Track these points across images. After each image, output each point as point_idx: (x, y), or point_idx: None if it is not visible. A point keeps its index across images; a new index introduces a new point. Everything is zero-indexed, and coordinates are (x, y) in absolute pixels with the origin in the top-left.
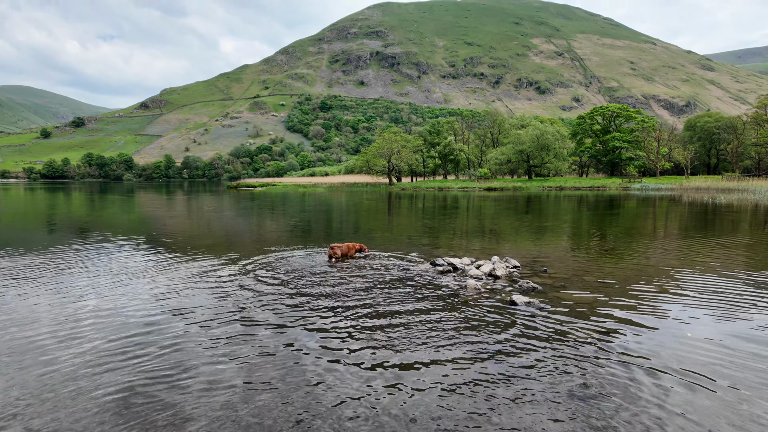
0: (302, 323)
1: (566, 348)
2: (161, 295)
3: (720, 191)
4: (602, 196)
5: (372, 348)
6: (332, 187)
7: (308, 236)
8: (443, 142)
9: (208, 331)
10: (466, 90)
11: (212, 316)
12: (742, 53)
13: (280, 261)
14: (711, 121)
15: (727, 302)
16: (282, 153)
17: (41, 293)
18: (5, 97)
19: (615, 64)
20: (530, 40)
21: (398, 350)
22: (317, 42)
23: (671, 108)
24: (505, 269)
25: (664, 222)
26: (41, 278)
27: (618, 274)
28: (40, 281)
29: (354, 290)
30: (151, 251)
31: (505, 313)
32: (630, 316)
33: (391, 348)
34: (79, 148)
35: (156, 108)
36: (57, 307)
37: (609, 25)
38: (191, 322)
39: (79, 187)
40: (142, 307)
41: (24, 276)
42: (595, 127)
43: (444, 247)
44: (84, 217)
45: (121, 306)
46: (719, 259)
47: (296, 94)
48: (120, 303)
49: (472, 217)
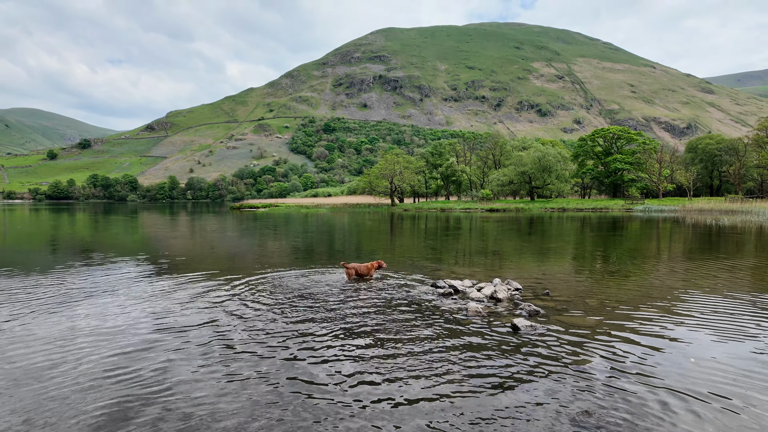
0: (296, 346)
1: (568, 374)
2: (157, 315)
3: (723, 213)
4: (605, 218)
5: (368, 375)
6: (335, 208)
7: (309, 257)
8: (445, 163)
9: (203, 353)
10: (467, 112)
11: (208, 339)
12: (742, 76)
13: (278, 282)
14: (712, 143)
15: (732, 324)
16: (285, 174)
17: (34, 313)
18: (15, 120)
19: (615, 87)
20: (531, 64)
21: (395, 377)
22: (321, 66)
23: (672, 130)
24: (506, 292)
25: (668, 243)
26: (35, 299)
27: (621, 297)
28: (33, 302)
29: (353, 313)
30: (150, 272)
31: (507, 337)
32: (633, 340)
33: (387, 375)
34: (85, 169)
35: (162, 130)
36: (48, 328)
37: (608, 49)
38: (184, 342)
39: (83, 207)
40: (136, 328)
41: (18, 296)
42: (597, 148)
43: (446, 268)
44: (85, 238)
45: (117, 326)
46: (724, 280)
47: (300, 117)
48: (116, 323)
49: (474, 238)
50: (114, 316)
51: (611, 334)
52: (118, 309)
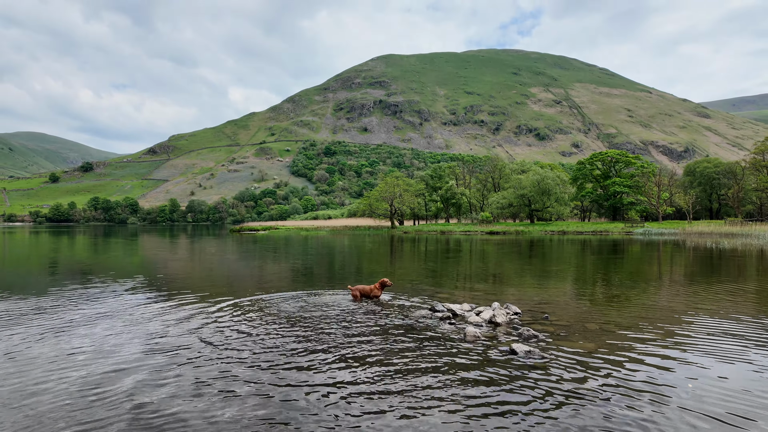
0: (290, 371)
1: (567, 399)
2: (150, 336)
3: (723, 236)
4: (605, 241)
5: (363, 400)
6: (335, 231)
7: (308, 279)
8: (445, 186)
9: (195, 377)
10: (467, 136)
11: (200, 362)
12: (737, 101)
13: (275, 304)
14: (710, 166)
15: (735, 348)
16: (286, 197)
17: (23, 335)
18: (18, 143)
19: (612, 111)
20: (528, 89)
21: (390, 404)
22: (323, 91)
23: (670, 154)
24: (505, 316)
25: (669, 267)
26: (26, 322)
27: (621, 322)
28: (24, 325)
29: (348, 337)
30: (145, 294)
31: (505, 363)
32: (633, 366)
33: (381, 401)
34: (86, 192)
35: (164, 153)
36: (38, 350)
37: (605, 75)
38: (174, 363)
39: (83, 230)
40: (124, 350)
41: (10, 319)
42: (596, 172)
43: (446, 291)
44: (83, 260)
45: (104, 349)
46: (727, 305)
47: (301, 140)
48: (106, 345)
49: (474, 261)
50: (104, 338)
51: (610, 359)
52: (110, 332)
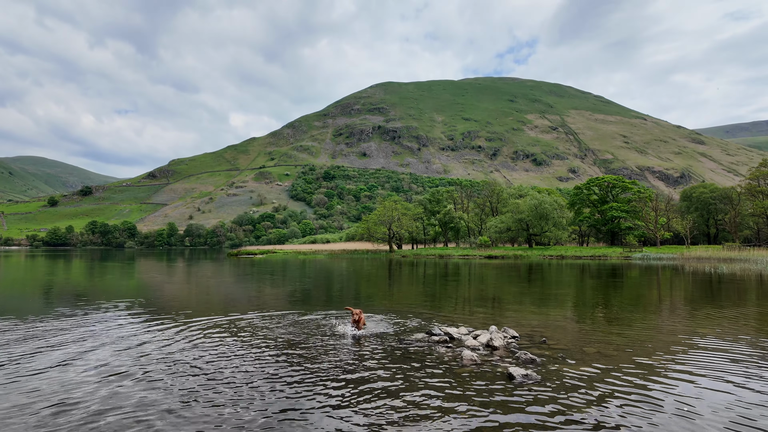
0: (283, 394)
1: (563, 423)
2: (141, 360)
3: (722, 261)
4: (604, 266)
5: (357, 425)
6: (333, 254)
7: (304, 302)
8: (443, 210)
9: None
10: (464, 161)
11: (192, 386)
12: (730, 128)
13: (268, 328)
14: (706, 191)
15: (734, 374)
16: (284, 221)
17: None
18: (18, 167)
19: (608, 137)
20: (525, 116)
21: (384, 428)
22: (322, 117)
23: (666, 179)
24: (502, 340)
25: (669, 291)
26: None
27: (620, 346)
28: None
29: (345, 360)
30: (138, 318)
31: (501, 387)
32: (631, 391)
33: (375, 425)
34: (85, 216)
35: (163, 177)
36: (19, 366)
37: (600, 102)
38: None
39: (79, 254)
40: (110, 374)
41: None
42: (593, 197)
43: (443, 315)
44: (76, 285)
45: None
46: (727, 330)
47: (301, 165)
48: (93, 371)
49: (472, 285)
50: (89, 361)
51: (608, 385)
52: (96, 355)
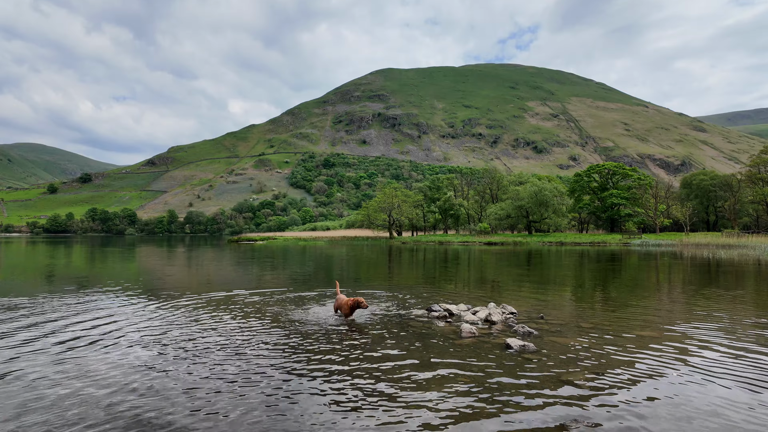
0: (283, 369)
1: (559, 388)
2: (141, 340)
3: (720, 247)
4: (603, 252)
5: (358, 392)
6: (333, 241)
7: (305, 284)
8: (443, 197)
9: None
10: (465, 149)
11: (191, 368)
12: (732, 116)
13: (271, 308)
14: (706, 179)
15: (730, 352)
16: (284, 208)
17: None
18: (17, 155)
19: (609, 125)
20: (526, 103)
21: (385, 393)
22: (322, 104)
23: (667, 167)
24: (501, 315)
25: (667, 275)
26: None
27: (616, 322)
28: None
29: (343, 333)
30: (139, 300)
31: (499, 356)
32: (626, 360)
33: (377, 391)
34: (85, 203)
35: (162, 165)
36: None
37: (602, 89)
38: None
39: (79, 240)
40: (112, 359)
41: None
42: (593, 184)
43: (443, 295)
44: (77, 270)
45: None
46: (722, 309)
47: (300, 152)
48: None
49: (472, 270)
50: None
51: (604, 353)
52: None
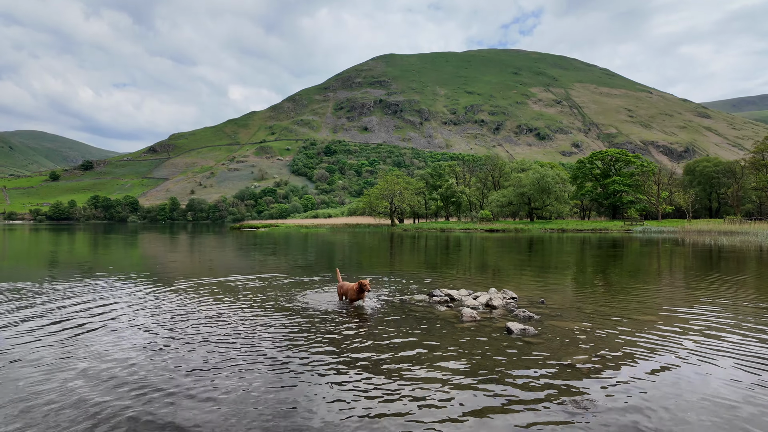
0: (291, 349)
1: (559, 371)
2: (146, 324)
3: (722, 234)
4: (605, 239)
5: (360, 375)
6: (335, 228)
7: (309, 270)
8: (445, 184)
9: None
10: (467, 136)
11: (192, 350)
12: (737, 102)
13: (274, 293)
14: (710, 165)
15: (730, 335)
16: (286, 195)
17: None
18: (18, 142)
19: (613, 111)
20: (529, 89)
21: (385, 376)
22: (323, 90)
23: (670, 153)
24: (502, 300)
25: (668, 261)
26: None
27: (617, 307)
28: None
29: (344, 318)
30: (142, 286)
31: (499, 339)
32: (626, 342)
33: (379, 373)
34: (87, 190)
35: (164, 152)
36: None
37: (605, 75)
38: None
39: (82, 228)
40: (110, 344)
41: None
42: (595, 171)
43: (444, 281)
44: (80, 256)
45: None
46: (722, 294)
47: (302, 139)
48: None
49: (474, 256)
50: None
51: (604, 337)
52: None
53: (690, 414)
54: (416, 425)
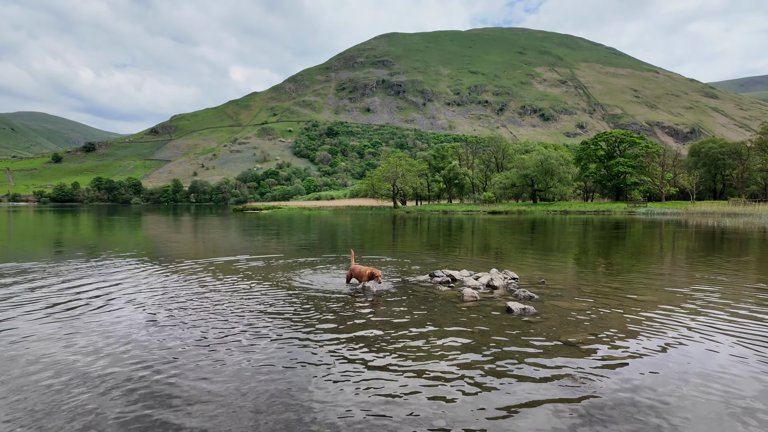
0: (293, 328)
1: (557, 351)
2: (150, 305)
3: (726, 215)
4: (607, 220)
5: (361, 354)
6: (337, 210)
7: (312, 251)
8: (448, 166)
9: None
10: (470, 117)
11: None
12: (746, 81)
13: (276, 272)
14: (715, 146)
15: (731, 314)
16: (288, 177)
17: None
18: (20, 123)
19: (618, 91)
20: (534, 69)
21: (386, 352)
22: (325, 71)
23: (676, 135)
24: (503, 280)
25: (671, 242)
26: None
27: (617, 287)
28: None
29: (350, 297)
30: (148, 268)
31: (499, 318)
32: (626, 321)
33: (380, 352)
34: (89, 172)
35: (165, 134)
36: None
37: (612, 54)
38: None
39: (87, 209)
40: (120, 324)
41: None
42: (599, 152)
43: (446, 262)
44: (85, 237)
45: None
46: (724, 274)
47: (304, 121)
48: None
49: (476, 238)
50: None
51: (604, 316)
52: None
53: (687, 389)
54: (415, 398)
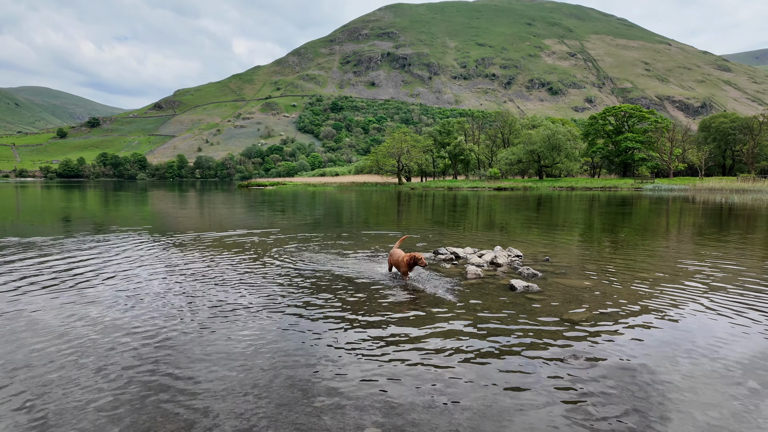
0: (295, 304)
1: (559, 328)
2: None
3: (734, 192)
4: (614, 197)
5: (364, 331)
6: (342, 187)
7: (318, 227)
8: (453, 142)
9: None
10: (477, 91)
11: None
12: (761, 54)
13: (281, 248)
14: (726, 121)
15: (737, 290)
16: (293, 153)
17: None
18: (24, 98)
19: (629, 64)
20: (543, 41)
21: (391, 332)
22: (329, 43)
23: (686, 109)
24: (506, 258)
25: (677, 219)
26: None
27: (622, 264)
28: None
29: (353, 274)
30: (155, 244)
31: (502, 296)
32: (630, 299)
33: (384, 328)
34: (94, 147)
35: (169, 108)
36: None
37: (623, 26)
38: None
39: (94, 185)
40: (127, 302)
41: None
42: (608, 127)
43: (450, 239)
44: (92, 212)
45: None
46: (730, 251)
47: (307, 95)
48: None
49: (481, 214)
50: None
51: (607, 293)
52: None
53: (691, 367)
54: (416, 375)
